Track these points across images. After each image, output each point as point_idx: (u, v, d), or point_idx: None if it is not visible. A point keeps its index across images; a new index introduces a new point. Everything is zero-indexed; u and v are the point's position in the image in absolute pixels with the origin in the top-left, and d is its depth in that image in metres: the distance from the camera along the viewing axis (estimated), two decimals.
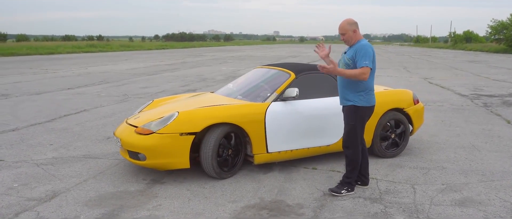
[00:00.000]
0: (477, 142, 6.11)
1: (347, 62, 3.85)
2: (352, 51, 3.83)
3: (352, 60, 3.81)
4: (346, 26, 3.84)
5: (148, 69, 19.14)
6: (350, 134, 3.93)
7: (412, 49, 64.55)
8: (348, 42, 3.89)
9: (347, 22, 3.85)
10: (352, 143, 3.94)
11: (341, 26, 3.88)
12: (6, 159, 5.07)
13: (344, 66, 3.88)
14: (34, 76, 15.24)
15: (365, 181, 4.17)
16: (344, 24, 3.86)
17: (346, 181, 4.00)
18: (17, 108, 8.53)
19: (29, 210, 3.62)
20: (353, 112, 3.88)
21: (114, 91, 11.34)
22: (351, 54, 3.83)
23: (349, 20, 3.86)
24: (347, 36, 3.84)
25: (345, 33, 3.84)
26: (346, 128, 3.97)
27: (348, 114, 3.92)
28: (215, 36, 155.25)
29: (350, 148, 3.95)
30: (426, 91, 11.88)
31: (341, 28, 3.88)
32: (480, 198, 3.97)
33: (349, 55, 3.85)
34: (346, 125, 3.95)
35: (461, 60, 29.27)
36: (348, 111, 3.92)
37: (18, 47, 34.93)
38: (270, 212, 3.59)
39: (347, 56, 3.88)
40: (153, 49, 49.27)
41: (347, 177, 4.01)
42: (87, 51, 38.27)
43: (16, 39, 58.38)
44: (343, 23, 3.87)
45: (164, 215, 3.52)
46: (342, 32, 3.86)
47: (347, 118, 3.94)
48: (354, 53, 3.79)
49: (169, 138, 4.09)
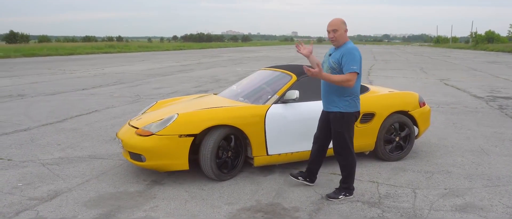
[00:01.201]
0: (487, 145, 5.97)
1: (332, 65, 3.74)
2: (339, 54, 3.72)
3: (338, 64, 3.70)
4: (339, 24, 3.73)
5: (163, 69, 19.33)
6: (339, 141, 3.86)
7: (431, 49, 63.51)
8: (337, 42, 3.77)
9: (340, 21, 3.76)
10: (343, 149, 3.88)
11: (334, 22, 3.74)
12: (14, 158, 5.19)
13: (329, 70, 3.76)
14: (51, 76, 15.56)
15: (313, 179, 4.24)
16: (338, 22, 3.75)
17: (344, 186, 3.96)
18: (31, 108, 8.72)
19: (29, 209, 3.70)
20: (339, 119, 3.79)
21: (127, 92, 11.49)
22: (337, 57, 3.72)
23: (342, 19, 3.78)
24: (339, 34, 3.71)
25: (338, 29, 3.71)
26: (334, 135, 3.89)
27: (335, 122, 3.82)
28: (233, 37, 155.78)
29: (342, 154, 3.90)
30: (441, 93, 11.68)
31: (334, 25, 3.73)
32: (482, 203, 3.88)
33: (335, 58, 3.74)
34: (334, 132, 3.87)
35: (481, 61, 28.66)
36: (334, 119, 3.82)
37: (39, 48, 35.65)
38: (265, 214, 3.59)
39: (333, 59, 3.77)
40: (170, 49, 49.73)
41: (344, 182, 3.96)
42: (106, 52, 38.85)
43: (38, 40, 59.58)
44: (336, 21, 3.75)
45: (159, 216, 3.55)
46: (336, 28, 3.71)
47: (334, 126, 3.84)
48: (340, 57, 3.69)
49: (168, 139, 4.12)
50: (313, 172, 4.18)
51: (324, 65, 3.89)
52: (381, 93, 5.27)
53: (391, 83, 14.05)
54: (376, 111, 4.94)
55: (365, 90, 5.21)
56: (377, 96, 5.15)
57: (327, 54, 3.92)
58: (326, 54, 3.93)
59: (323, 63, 3.91)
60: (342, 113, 3.78)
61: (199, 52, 42.91)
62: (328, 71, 3.78)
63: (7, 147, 5.69)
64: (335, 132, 3.84)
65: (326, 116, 3.93)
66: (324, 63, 3.91)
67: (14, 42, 51.58)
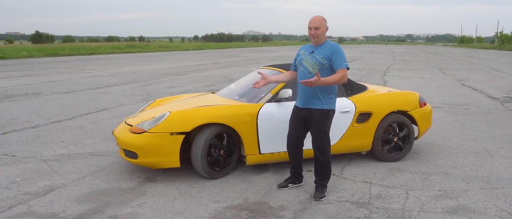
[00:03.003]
0: (493, 147, 5.82)
1: (322, 62, 3.69)
2: (326, 51, 3.71)
3: (328, 60, 3.69)
4: (322, 21, 3.71)
5: (179, 69, 19.51)
6: (324, 139, 3.82)
7: (455, 50, 62.15)
8: (319, 39, 3.74)
9: (322, 18, 3.74)
10: (326, 147, 3.85)
11: (317, 20, 3.71)
12: (17, 154, 5.34)
13: (317, 66, 3.71)
14: (69, 75, 15.90)
15: (301, 179, 4.20)
16: (320, 19, 3.73)
17: (324, 183, 3.96)
18: (44, 106, 8.94)
19: (22, 203, 3.79)
20: (326, 117, 3.78)
21: (140, 91, 11.65)
22: (326, 54, 3.69)
23: (323, 17, 3.75)
24: (321, 32, 3.69)
25: (320, 27, 3.69)
26: (319, 133, 3.80)
27: (321, 120, 3.77)
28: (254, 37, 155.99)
29: (324, 152, 3.86)
30: (455, 93, 11.44)
31: (316, 22, 3.69)
32: (476, 206, 3.78)
33: (324, 55, 3.70)
34: (319, 130, 3.79)
35: (505, 62, 27.91)
36: (320, 116, 3.77)
37: (62, 48, 36.52)
38: (250, 213, 3.58)
39: (321, 55, 3.72)
40: (190, 49, 50.19)
41: (323, 180, 3.96)
42: (126, 52, 39.47)
43: (63, 40, 61.05)
44: (318, 18, 3.73)
45: (145, 212, 3.59)
46: (318, 26, 3.68)
47: (320, 124, 3.78)
48: (330, 53, 3.68)
49: (159, 137, 4.16)
50: (298, 173, 4.16)
51: (303, 64, 3.82)
52: (379, 93, 5.19)
53: (405, 83, 13.84)
54: (373, 110, 4.87)
55: (363, 89, 5.15)
56: (374, 95, 5.08)
57: (306, 53, 3.85)
58: (305, 53, 3.86)
59: (301, 62, 3.85)
60: (328, 110, 3.78)
61: (218, 52, 43.14)
62: (315, 67, 3.72)
63: (13, 143, 5.86)
64: (320, 130, 3.80)
65: (303, 115, 3.86)
66: (303, 61, 3.83)
67: (39, 42, 52.95)
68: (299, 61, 3.86)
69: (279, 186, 4.13)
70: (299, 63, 3.84)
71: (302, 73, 3.81)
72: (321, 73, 3.66)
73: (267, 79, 3.91)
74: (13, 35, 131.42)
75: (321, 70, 3.70)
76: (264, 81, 3.89)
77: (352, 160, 5.12)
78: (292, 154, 4.07)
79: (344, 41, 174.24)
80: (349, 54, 40.55)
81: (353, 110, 4.79)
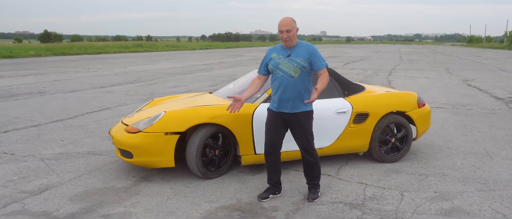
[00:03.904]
0: (493, 148, 5.75)
1: (303, 65, 3.62)
2: (305, 53, 3.63)
3: (308, 62, 3.63)
4: (292, 23, 3.60)
5: (184, 68, 19.56)
6: (310, 140, 3.77)
7: (463, 49, 61.66)
8: (291, 42, 3.63)
9: (292, 20, 3.63)
10: (313, 148, 3.82)
11: (288, 22, 3.58)
12: (16, 153, 5.38)
13: (301, 70, 3.61)
14: (74, 74, 16.01)
15: (280, 189, 4.00)
16: (290, 21, 3.61)
17: (316, 183, 3.94)
18: (47, 105, 9.01)
19: (17, 202, 3.83)
20: (310, 118, 3.75)
21: (143, 90, 11.70)
22: (305, 56, 3.61)
23: (292, 18, 3.64)
24: (293, 34, 3.60)
25: (292, 29, 3.57)
26: (305, 136, 3.74)
27: (306, 122, 3.71)
28: (261, 37, 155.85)
29: (313, 153, 3.82)
30: (460, 94, 11.34)
31: (287, 25, 3.57)
32: (470, 208, 3.74)
33: (303, 57, 3.62)
34: (306, 132, 3.73)
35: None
36: (305, 118, 3.70)
37: (69, 47, 36.78)
38: (242, 213, 3.58)
39: (300, 58, 3.61)
40: (197, 49, 50.29)
41: (314, 180, 3.93)
42: (133, 51, 39.66)
43: (71, 40, 61.47)
44: (288, 20, 3.60)
45: (137, 212, 3.60)
46: (289, 29, 3.56)
47: (305, 126, 3.71)
48: (309, 55, 3.62)
49: (154, 137, 4.18)
50: (279, 183, 3.98)
51: (282, 68, 3.63)
52: (376, 93, 5.16)
53: (410, 84, 13.76)
54: (370, 111, 4.84)
55: (361, 89, 5.12)
56: (371, 96, 5.05)
57: (281, 56, 3.67)
58: (280, 57, 3.67)
59: (278, 66, 3.64)
60: (311, 111, 3.76)
61: (224, 52, 43.18)
62: (297, 71, 3.60)
63: (14, 142, 5.91)
64: (307, 132, 3.75)
65: (284, 119, 3.72)
66: (280, 66, 3.64)
67: (48, 42, 53.37)
68: (275, 65, 3.67)
69: (260, 198, 3.87)
70: (275, 68, 3.67)
71: (282, 77, 3.63)
72: (302, 76, 3.61)
73: (241, 99, 3.71)
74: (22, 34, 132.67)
75: (302, 72, 3.62)
76: (239, 103, 3.70)
77: (349, 161, 5.10)
78: (271, 161, 3.86)
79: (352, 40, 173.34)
80: (355, 54, 40.39)
81: (350, 111, 4.76)
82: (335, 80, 4.92)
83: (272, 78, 3.78)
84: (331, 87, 4.83)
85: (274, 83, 3.73)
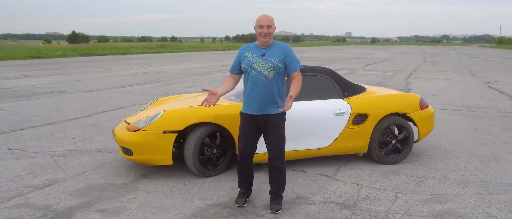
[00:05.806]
0: (502, 152, 5.64)
1: (278, 65, 3.49)
2: (280, 53, 3.54)
3: (283, 63, 3.53)
4: (272, 20, 3.53)
5: (203, 69, 19.79)
6: (282, 144, 3.62)
7: (492, 51, 59.95)
8: (269, 39, 3.53)
9: (272, 17, 3.56)
10: (283, 153, 3.64)
11: (269, 18, 3.50)
12: (28, 149, 5.61)
13: (275, 70, 3.51)
14: (96, 74, 16.44)
15: (251, 192, 3.93)
16: (271, 18, 3.52)
17: (280, 193, 3.73)
18: (65, 104, 9.31)
19: (22, 195, 4.01)
20: (283, 120, 3.64)
21: (159, 90, 11.93)
22: (280, 56, 3.52)
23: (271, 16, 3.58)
24: (273, 31, 3.52)
25: (272, 25, 3.49)
26: (277, 139, 3.58)
27: (279, 124, 3.59)
28: (285, 37, 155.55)
29: (281, 158, 3.63)
30: (478, 96, 11.10)
31: (268, 20, 3.49)
32: (464, 211, 3.71)
33: (278, 57, 3.51)
34: (278, 136, 3.58)
35: None
36: (278, 120, 3.58)
37: (94, 47, 37.64)
38: (232, 211, 3.66)
39: (275, 58, 3.51)
40: (219, 50, 50.66)
41: (280, 189, 3.71)
42: (157, 52, 40.27)
43: (98, 40, 62.89)
44: (269, 16, 3.53)
45: (132, 207, 3.72)
46: (270, 24, 3.47)
47: (278, 129, 3.58)
48: (284, 55, 3.53)
49: (152, 135, 4.30)
50: (251, 186, 3.91)
51: (256, 67, 3.52)
52: (377, 94, 5.14)
53: (429, 86, 13.55)
54: (370, 112, 4.84)
55: (361, 90, 5.12)
56: (372, 97, 5.04)
57: (255, 55, 3.55)
58: (254, 56, 3.55)
59: (252, 65, 3.53)
60: (284, 113, 3.61)
61: None
62: (272, 71, 3.50)
63: (27, 139, 6.16)
64: (279, 135, 3.59)
65: (258, 122, 3.60)
66: (254, 65, 3.53)
67: (75, 42, 54.79)
68: (249, 65, 3.54)
69: (238, 203, 3.75)
70: (249, 67, 3.54)
71: (256, 77, 3.51)
72: (276, 77, 3.52)
73: (217, 94, 3.54)
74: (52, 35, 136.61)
75: (276, 73, 3.52)
76: (215, 97, 3.52)
77: (349, 162, 5.10)
78: (245, 167, 3.75)
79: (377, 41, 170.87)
80: (378, 55, 39.88)
81: (348, 112, 4.77)
82: (335, 81, 4.93)
83: (244, 78, 3.66)
84: (330, 88, 4.86)
85: (248, 83, 3.60)
